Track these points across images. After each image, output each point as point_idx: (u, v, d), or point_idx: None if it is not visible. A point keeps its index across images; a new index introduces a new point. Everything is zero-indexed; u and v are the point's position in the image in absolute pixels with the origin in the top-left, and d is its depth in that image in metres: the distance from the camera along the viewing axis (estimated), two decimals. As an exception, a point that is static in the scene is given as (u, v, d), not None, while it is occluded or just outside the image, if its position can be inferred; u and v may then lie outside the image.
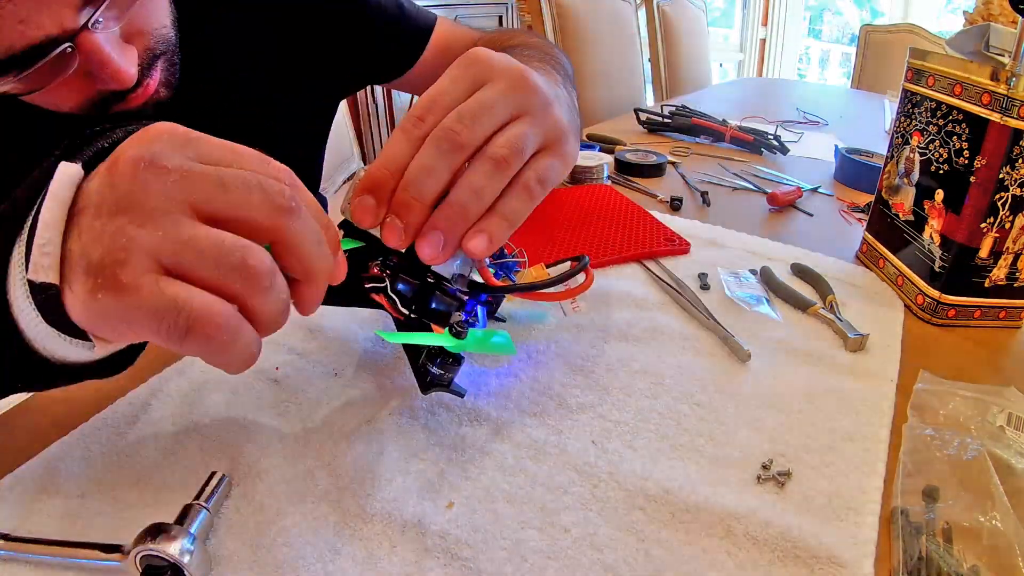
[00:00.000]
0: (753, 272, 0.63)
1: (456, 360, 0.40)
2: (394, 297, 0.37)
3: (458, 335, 0.38)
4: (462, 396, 0.43)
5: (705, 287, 0.61)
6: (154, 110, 0.49)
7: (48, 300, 0.25)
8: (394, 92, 2.72)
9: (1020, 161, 0.50)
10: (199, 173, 0.25)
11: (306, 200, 0.28)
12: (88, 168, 0.26)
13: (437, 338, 0.38)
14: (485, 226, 0.33)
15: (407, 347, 0.42)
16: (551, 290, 0.44)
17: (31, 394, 0.46)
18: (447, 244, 0.33)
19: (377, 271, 0.38)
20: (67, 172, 0.25)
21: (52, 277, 0.25)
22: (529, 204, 0.34)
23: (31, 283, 0.25)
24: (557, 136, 0.36)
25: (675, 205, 0.83)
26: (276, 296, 0.26)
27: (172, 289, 0.24)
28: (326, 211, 0.93)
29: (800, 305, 0.58)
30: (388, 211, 0.32)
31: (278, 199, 0.26)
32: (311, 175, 0.82)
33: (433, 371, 0.40)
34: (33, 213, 0.25)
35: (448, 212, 0.32)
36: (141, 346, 0.35)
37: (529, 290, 0.46)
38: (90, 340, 0.27)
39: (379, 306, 0.39)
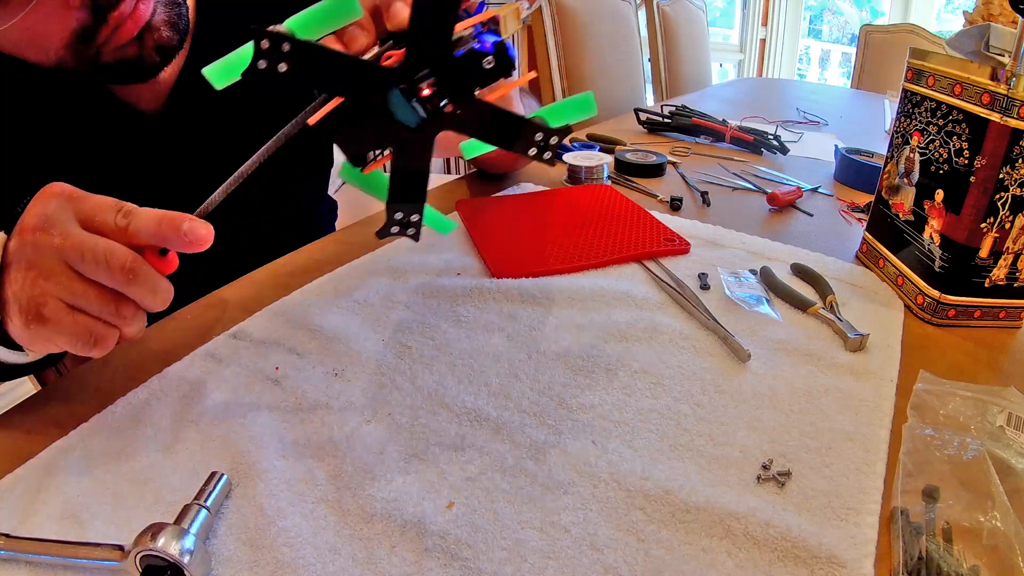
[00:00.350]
0: (753, 272, 0.63)
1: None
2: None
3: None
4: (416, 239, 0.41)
5: (705, 287, 0.61)
6: (160, 56, 0.51)
7: None
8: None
9: (1020, 161, 0.50)
10: (70, 244, 0.35)
11: (146, 229, 0.36)
12: (8, 231, 0.37)
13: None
14: None
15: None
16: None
17: (29, 395, 0.46)
18: None
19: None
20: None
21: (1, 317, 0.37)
22: None
23: None
24: None
25: (675, 205, 0.83)
26: (134, 320, 0.38)
27: (81, 319, 0.36)
28: (335, 214, 0.94)
29: (800, 305, 0.58)
30: None
31: (118, 274, 0.35)
32: (320, 180, 0.83)
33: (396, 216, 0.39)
34: None
35: None
36: (62, 354, 0.45)
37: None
38: (24, 351, 0.40)
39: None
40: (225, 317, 0.55)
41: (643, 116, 1.25)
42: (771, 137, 1.10)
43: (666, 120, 1.22)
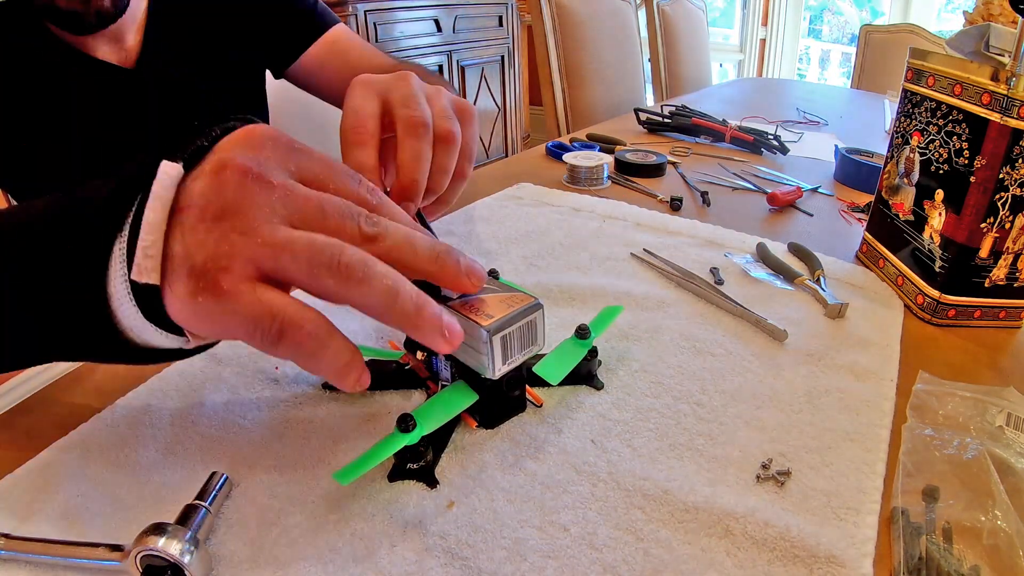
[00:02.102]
0: (752, 255, 0.69)
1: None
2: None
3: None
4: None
5: (720, 282, 0.62)
6: (97, 20, 0.62)
7: (146, 296, 0.26)
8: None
9: (1020, 161, 0.50)
10: (303, 196, 0.26)
11: (392, 213, 0.30)
12: (187, 166, 0.27)
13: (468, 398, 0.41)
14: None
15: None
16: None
17: (29, 395, 0.46)
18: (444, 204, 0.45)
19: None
20: (169, 172, 0.26)
21: (155, 279, 0.26)
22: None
23: (133, 283, 0.26)
24: (460, 102, 0.44)
25: (675, 205, 0.83)
26: (374, 287, 0.26)
27: (268, 296, 0.25)
28: None
29: (788, 276, 0.63)
30: (400, 197, 0.39)
31: (366, 229, 0.27)
32: None
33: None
34: (134, 212, 0.26)
35: (436, 181, 0.42)
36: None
37: None
38: (184, 335, 0.28)
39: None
40: (225, 317, 0.55)
41: (643, 116, 1.25)
42: (771, 137, 1.10)
43: (666, 120, 1.22)
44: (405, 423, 0.36)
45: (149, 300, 0.26)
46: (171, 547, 0.31)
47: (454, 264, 0.30)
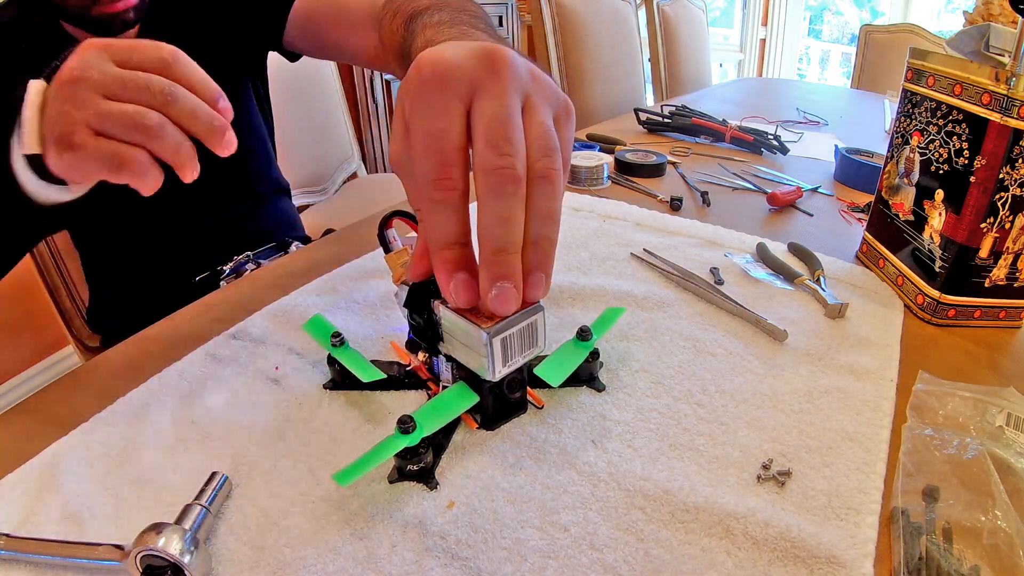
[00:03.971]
0: (751, 255, 0.68)
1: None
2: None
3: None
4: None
5: (720, 282, 0.62)
6: (119, 27, 0.69)
7: (36, 164, 0.40)
8: (393, 91, 2.72)
9: (1020, 161, 0.50)
10: (110, 77, 0.38)
11: (188, 79, 0.40)
12: (48, 79, 0.39)
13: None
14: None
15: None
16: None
17: (29, 395, 0.46)
18: (547, 278, 0.32)
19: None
20: (35, 86, 0.40)
21: (36, 149, 0.40)
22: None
23: (26, 156, 0.40)
24: (559, 100, 0.34)
25: (675, 205, 0.83)
26: (170, 140, 0.38)
27: (105, 144, 0.38)
28: (291, 200, 1.02)
29: (788, 276, 0.62)
30: (489, 279, 0.31)
31: (159, 96, 0.38)
32: (265, 156, 0.92)
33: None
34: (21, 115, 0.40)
35: (538, 248, 0.31)
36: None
37: None
38: (66, 184, 0.42)
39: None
40: (225, 317, 0.55)
41: (643, 116, 1.25)
42: (771, 137, 1.10)
43: (666, 120, 1.22)
44: (405, 424, 0.36)
45: (38, 167, 0.40)
46: (171, 547, 0.31)
47: (219, 127, 0.39)
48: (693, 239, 0.71)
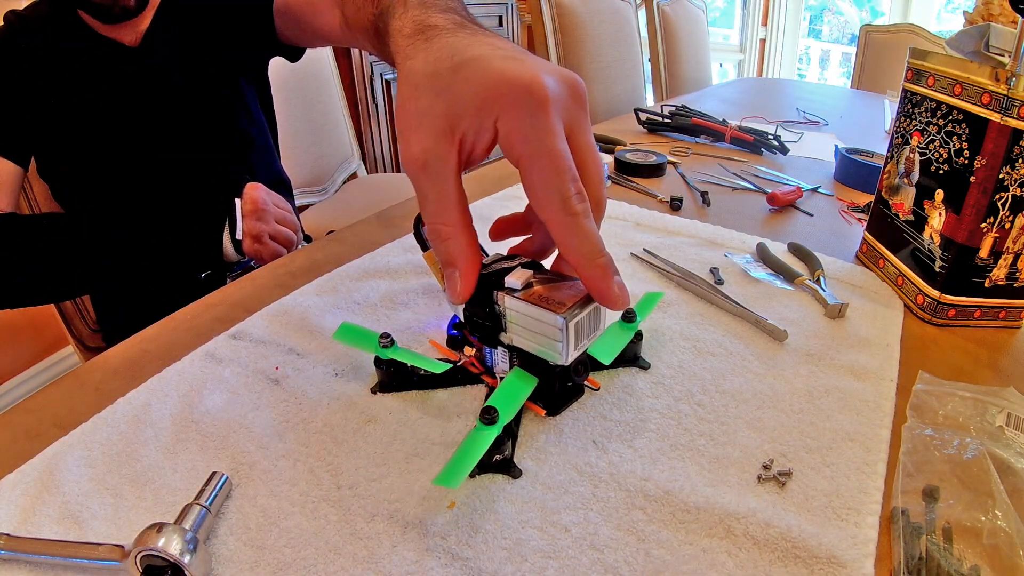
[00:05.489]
0: (751, 255, 0.68)
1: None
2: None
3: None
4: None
5: (720, 282, 0.62)
6: (120, 12, 0.80)
7: (237, 245, 0.77)
8: (392, 91, 2.71)
9: (1020, 161, 0.50)
10: (278, 212, 0.81)
11: (292, 222, 0.83)
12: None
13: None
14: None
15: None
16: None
17: (28, 395, 0.46)
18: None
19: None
20: (239, 203, 0.79)
21: (240, 236, 0.77)
22: None
23: (234, 240, 0.77)
24: (584, 101, 0.38)
25: (675, 205, 0.83)
26: (292, 248, 0.79)
27: (274, 246, 0.79)
28: (292, 196, 1.16)
29: (788, 276, 0.63)
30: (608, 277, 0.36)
31: (291, 226, 0.82)
32: (267, 152, 1.04)
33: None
34: (229, 219, 0.78)
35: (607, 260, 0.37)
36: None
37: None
38: (245, 255, 0.79)
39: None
40: (225, 317, 0.55)
41: (643, 116, 1.25)
42: (771, 137, 1.10)
43: (666, 120, 1.22)
44: (490, 415, 0.37)
45: (237, 246, 0.77)
46: (171, 547, 0.31)
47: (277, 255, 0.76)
48: (693, 239, 0.71)
